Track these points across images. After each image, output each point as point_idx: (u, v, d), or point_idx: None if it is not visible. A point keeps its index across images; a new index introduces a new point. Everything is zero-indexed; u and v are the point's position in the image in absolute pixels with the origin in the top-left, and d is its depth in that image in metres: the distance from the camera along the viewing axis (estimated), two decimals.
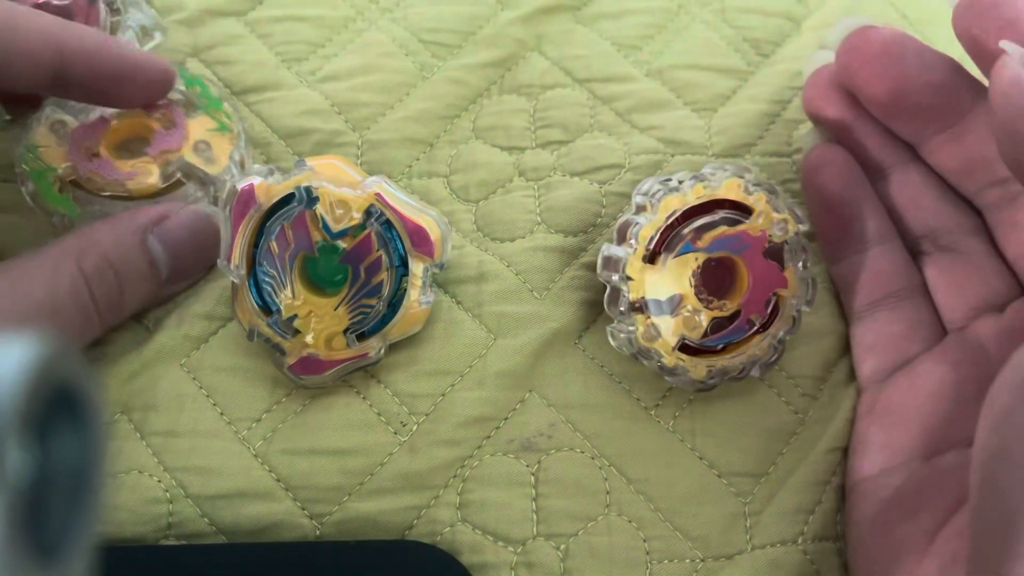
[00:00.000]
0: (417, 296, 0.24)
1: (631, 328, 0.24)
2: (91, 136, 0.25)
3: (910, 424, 0.23)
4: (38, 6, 0.27)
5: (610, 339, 0.24)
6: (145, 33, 0.28)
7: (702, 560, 0.24)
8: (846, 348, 0.26)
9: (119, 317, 0.24)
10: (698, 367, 0.24)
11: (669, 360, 0.24)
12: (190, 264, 0.25)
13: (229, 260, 0.23)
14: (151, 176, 0.25)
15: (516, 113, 0.29)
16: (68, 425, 0.10)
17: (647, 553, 0.24)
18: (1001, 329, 0.23)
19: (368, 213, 0.23)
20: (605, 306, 0.24)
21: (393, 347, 0.25)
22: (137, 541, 0.23)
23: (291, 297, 0.24)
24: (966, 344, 0.24)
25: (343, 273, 0.24)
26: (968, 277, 0.24)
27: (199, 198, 0.26)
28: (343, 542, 0.23)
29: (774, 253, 0.24)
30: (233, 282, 0.24)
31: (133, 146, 0.26)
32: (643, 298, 0.23)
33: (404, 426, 0.25)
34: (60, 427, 0.10)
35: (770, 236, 0.24)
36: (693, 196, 0.24)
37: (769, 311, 0.24)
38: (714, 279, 0.24)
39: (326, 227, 0.23)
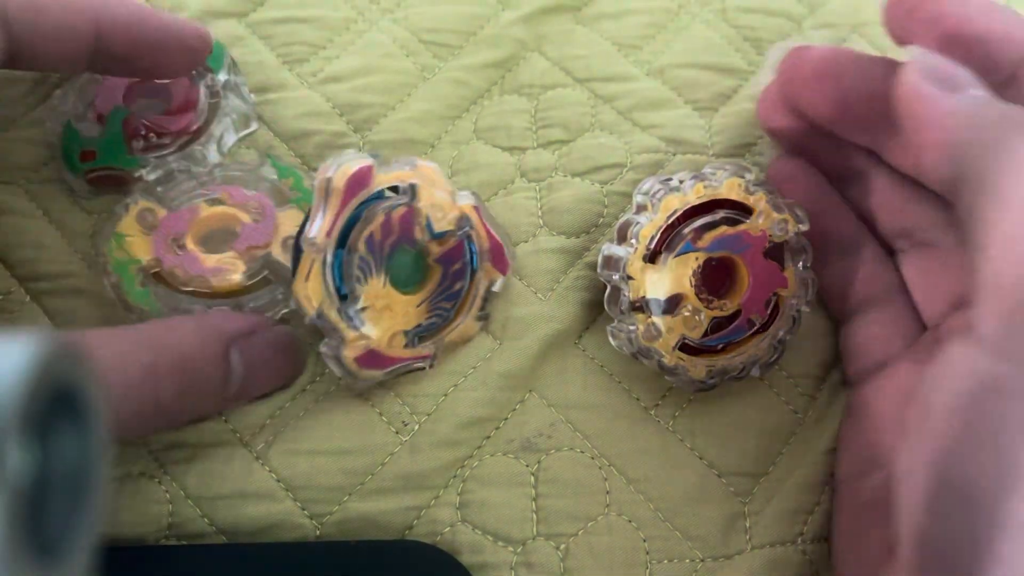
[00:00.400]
0: (476, 309, 0.25)
1: (631, 328, 0.24)
2: (179, 226, 0.24)
3: (885, 426, 0.23)
4: (133, 85, 0.26)
5: (610, 338, 0.24)
6: (243, 120, 0.27)
7: (701, 560, 0.24)
8: None
9: (167, 424, 0.22)
10: (698, 367, 0.24)
11: (669, 360, 0.24)
12: (260, 386, 0.24)
13: (319, 235, 0.22)
14: (236, 273, 0.24)
15: (517, 113, 0.29)
16: (68, 425, 0.10)
17: (647, 553, 0.24)
18: (969, 323, 0.23)
19: (460, 222, 0.24)
20: (605, 305, 0.24)
21: None
22: (137, 541, 0.23)
23: (378, 287, 0.23)
24: (939, 341, 0.24)
25: (421, 274, 0.24)
26: (943, 272, 0.24)
27: (285, 298, 0.24)
28: (343, 542, 0.23)
29: (774, 253, 0.24)
30: (303, 260, 0.22)
31: (220, 237, 0.25)
32: (643, 297, 0.23)
33: (405, 426, 0.25)
34: (60, 427, 0.10)
35: (770, 236, 0.24)
36: (694, 196, 0.24)
37: (769, 311, 0.24)
38: (714, 279, 0.24)
39: (429, 226, 0.24)
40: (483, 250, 0.25)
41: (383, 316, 0.23)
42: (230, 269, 0.24)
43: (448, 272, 0.24)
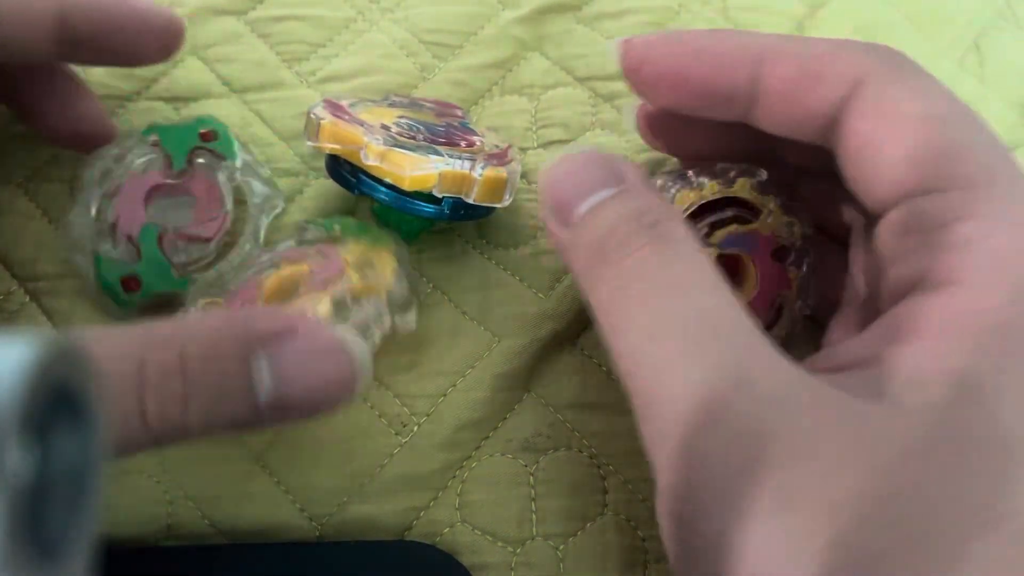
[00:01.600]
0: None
1: None
2: (245, 300, 0.23)
3: None
4: (151, 191, 0.25)
5: None
6: (268, 202, 0.26)
7: None
8: None
9: (182, 435, 0.18)
10: None
11: None
12: (302, 401, 0.19)
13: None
14: (322, 304, 0.22)
15: (518, 114, 0.29)
16: (68, 425, 0.10)
17: (645, 553, 0.24)
18: None
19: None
20: None
21: (397, 352, 0.25)
22: (137, 542, 0.23)
23: None
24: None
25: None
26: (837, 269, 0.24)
27: (379, 314, 0.23)
28: (343, 542, 0.23)
29: (780, 255, 0.24)
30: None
31: (291, 298, 0.23)
32: None
33: (405, 427, 0.25)
34: (60, 427, 0.10)
35: (778, 237, 0.24)
36: (708, 192, 0.24)
37: (772, 313, 0.24)
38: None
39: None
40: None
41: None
42: (315, 304, 0.22)
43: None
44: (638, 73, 0.22)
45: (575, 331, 0.26)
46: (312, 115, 0.23)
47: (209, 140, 0.26)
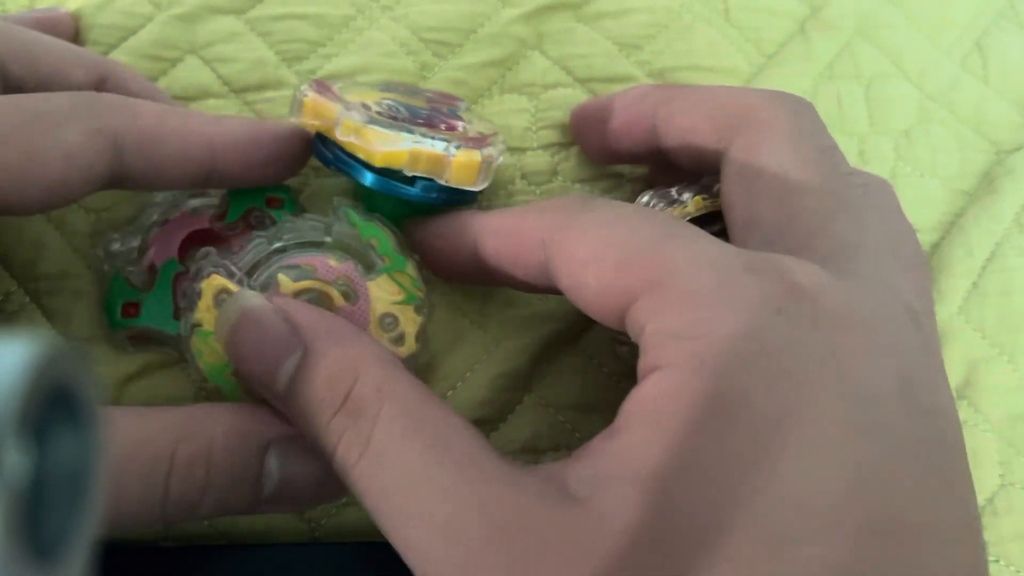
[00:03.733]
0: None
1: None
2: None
3: None
4: (192, 235, 0.25)
5: (615, 351, 0.24)
6: None
7: None
8: None
9: (189, 517, 0.20)
10: None
11: None
12: (301, 494, 0.21)
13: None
14: None
15: (517, 113, 0.29)
16: (66, 426, 0.10)
17: None
18: None
19: None
20: None
21: None
22: (136, 542, 0.23)
23: None
24: None
25: None
26: None
27: None
28: (340, 544, 0.23)
29: None
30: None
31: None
32: None
33: None
34: (58, 428, 0.10)
35: None
36: (693, 208, 0.23)
37: None
38: None
39: None
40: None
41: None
42: None
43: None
44: (585, 145, 0.27)
45: (575, 332, 0.26)
46: (297, 92, 0.23)
47: (273, 206, 0.25)
